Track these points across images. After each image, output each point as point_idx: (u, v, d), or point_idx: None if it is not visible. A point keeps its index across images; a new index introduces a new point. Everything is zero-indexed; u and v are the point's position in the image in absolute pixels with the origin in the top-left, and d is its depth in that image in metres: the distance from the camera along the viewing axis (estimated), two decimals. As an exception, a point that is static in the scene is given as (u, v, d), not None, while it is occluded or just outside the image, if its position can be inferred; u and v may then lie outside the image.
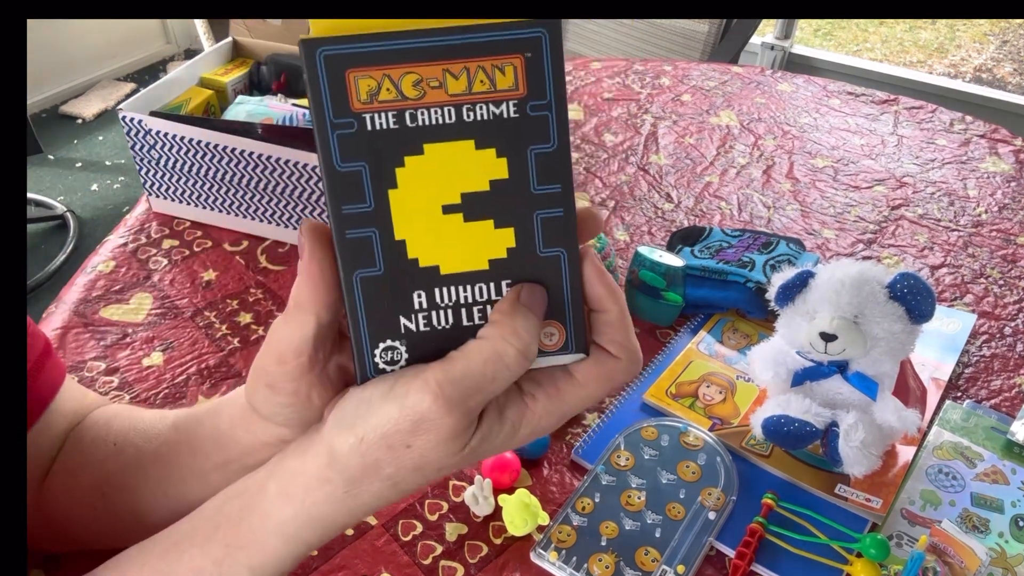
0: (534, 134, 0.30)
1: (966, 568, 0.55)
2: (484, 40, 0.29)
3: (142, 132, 0.84)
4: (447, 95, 0.30)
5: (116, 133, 2.83)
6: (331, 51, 0.29)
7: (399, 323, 0.32)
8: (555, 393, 0.33)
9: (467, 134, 0.30)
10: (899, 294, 0.58)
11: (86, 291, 0.81)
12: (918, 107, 1.21)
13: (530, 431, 0.33)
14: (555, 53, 0.29)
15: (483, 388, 0.31)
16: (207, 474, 0.44)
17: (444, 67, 0.29)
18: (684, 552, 0.55)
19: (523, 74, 0.29)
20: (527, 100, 0.30)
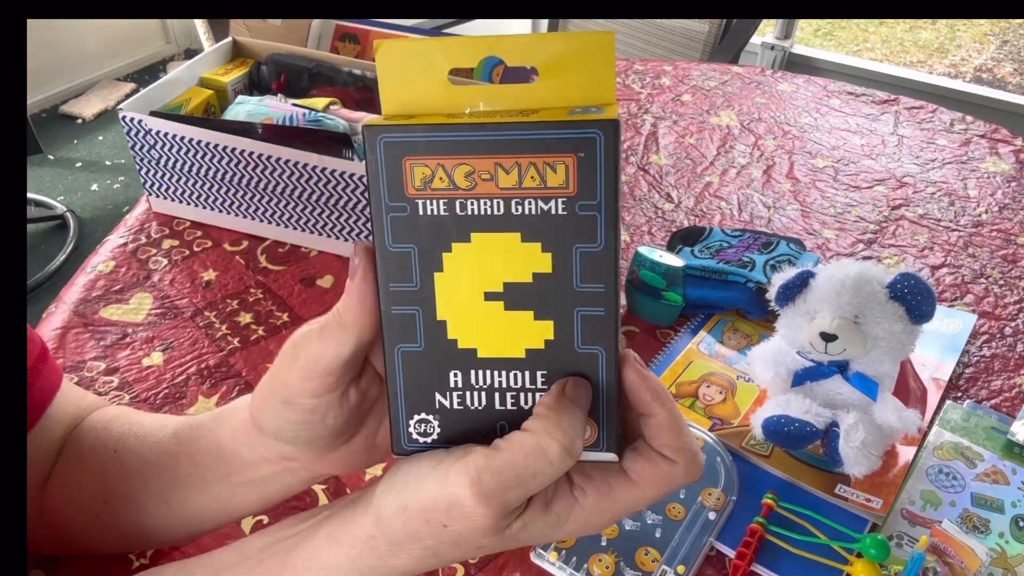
0: (581, 233, 0.30)
1: (966, 568, 0.55)
2: (537, 137, 0.29)
3: (142, 132, 0.84)
4: (497, 188, 0.30)
5: (116, 133, 2.83)
6: (390, 138, 0.30)
7: (435, 399, 0.33)
8: (607, 491, 0.32)
9: (514, 227, 0.31)
10: (899, 294, 0.58)
11: (86, 291, 0.81)
12: (918, 107, 1.21)
13: (578, 527, 0.32)
14: (608, 154, 0.29)
15: (524, 482, 0.30)
16: (209, 486, 0.44)
17: (496, 161, 0.30)
18: (684, 552, 0.55)
19: (574, 173, 0.29)
20: (576, 199, 0.30)
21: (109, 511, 0.48)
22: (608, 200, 0.30)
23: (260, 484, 0.43)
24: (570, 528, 0.32)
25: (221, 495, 0.44)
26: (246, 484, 0.43)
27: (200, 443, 0.44)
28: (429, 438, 0.34)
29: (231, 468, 0.43)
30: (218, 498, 0.45)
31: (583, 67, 0.30)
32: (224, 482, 0.43)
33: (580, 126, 0.29)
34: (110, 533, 0.49)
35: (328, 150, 0.82)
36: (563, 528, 0.32)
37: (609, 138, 0.29)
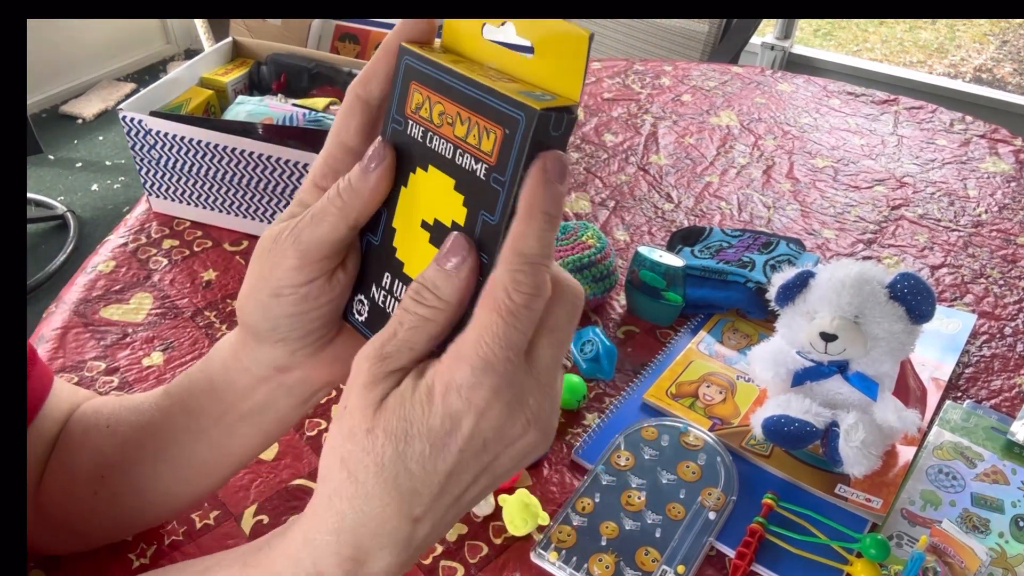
0: (488, 202, 0.32)
1: (966, 568, 0.55)
2: (485, 101, 0.31)
3: (142, 132, 0.84)
4: (453, 134, 0.33)
5: (116, 133, 2.83)
6: (410, 61, 0.34)
7: (371, 288, 0.37)
8: (458, 342, 0.32)
9: (452, 174, 0.33)
10: (899, 294, 0.58)
11: (86, 291, 0.81)
12: (918, 107, 1.21)
13: (445, 385, 0.31)
14: (525, 139, 0.30)
15: (396, 332, 0.32)
16: (205, 432, 0.44)
17: (459, 110, 0.32)
18: (684, 552, 0.55)
19: (499, 145, 0.31)
20: (493, 170, 0.31)
21: (105, 485, 0.48)
22: (513, 180, 0.31)
23: (256, 416, 0.43)
24: (439, 391, 0.31)
25: (218, 440, 0.45)
26: (242, 420, 0.43)
27: (192, 389, 0.45)
28: (361, 317, 0.38)
29: (225, 405, 0.43)
30: (215, 444, 0.45)
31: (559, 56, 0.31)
32: (220, 424, 0.44)
33: (512, 104, 0.30)
34: (108, 511, 0.49)
35: (328, 150, 0.81)
36: (434, 394, 0.31)
37: (529, 124, 0.30)
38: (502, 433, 0.32)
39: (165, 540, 0.57)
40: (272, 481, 0.61)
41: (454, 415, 0.31)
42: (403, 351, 0.32)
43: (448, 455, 0.32)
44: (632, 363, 0.74)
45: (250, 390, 0.42)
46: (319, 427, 0.66)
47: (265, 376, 0.41)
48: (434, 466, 0.32)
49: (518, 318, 0.31)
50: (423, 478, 0.32)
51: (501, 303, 0.31)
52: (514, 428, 0.32)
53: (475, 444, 0.32)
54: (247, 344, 0.40)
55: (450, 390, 0.31)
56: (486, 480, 0.34)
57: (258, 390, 0.42)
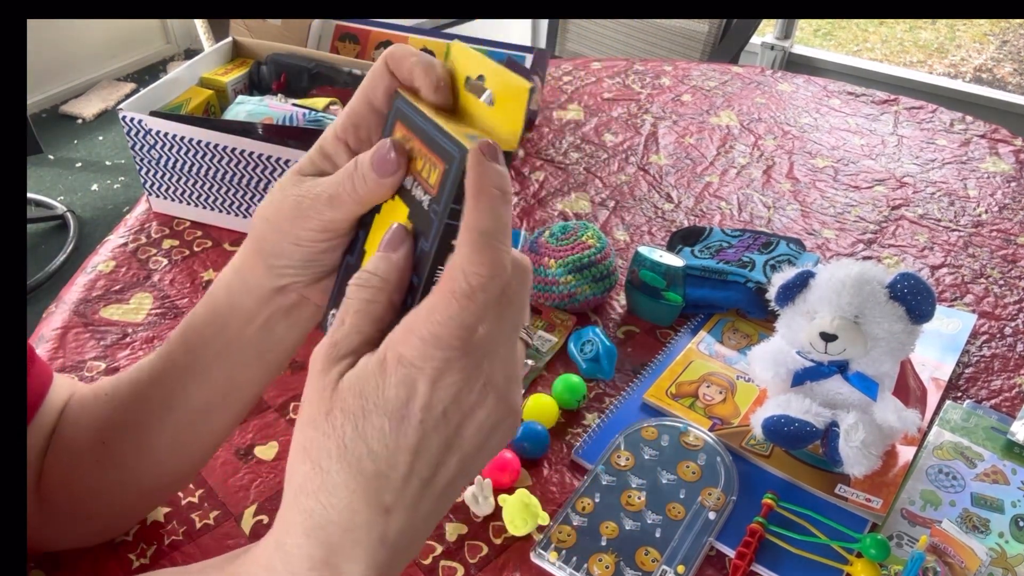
0: (426, 229, 0.34)
1: (966, 568, 0.55)
2: (434, 138, 0.34)
3: (142, 132, 0.84)
4: (415, 168, 0.36)
5: (116, 133, 2.83)
6: (399, 103, 0.38)
7: None
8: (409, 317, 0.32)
9: (406, 202, 0.36)
10: (899, 294, 0.58)
11: (86, 291, 0.81)
12: (918, 107, 1.21)
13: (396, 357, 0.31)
14: (458, 175, 0.32)
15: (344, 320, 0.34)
16: (209, 369, 0.46)
17: (420, 147, 0.36)
18: (684, 552, 0.55)
19: (439, 179, 0.34)
20: (433, 201, 0.34)
21: (108, 451, 0.48)
22: (443, 212, 0.33)
23: (257, 343, 0.45)
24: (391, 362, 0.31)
25: (222, 375, 0.46)
26: (243, 349, 0.45)
27: (194, 325, 0.46)
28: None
29: (228, 334, 0.45)
30: (219, 381, 0.46)
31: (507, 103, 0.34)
32: (222, 357, 0.45)
33: (452, 142, 0.33)
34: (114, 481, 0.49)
35: (328, 150, 0.82)
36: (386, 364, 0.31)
37: (462, 160, 0.32)
38: (459, 399, 0.32)
39: (165, 540, 0.57)
40: (272, 481, 0.61)
41: (408, 383, 0.31)
42: (351, 335, 0.33)
43: (408, 427, 0.31)
44: (632, 363, 0.74)
45: (252, 312, 0.44)
46: (319, 427, 0.66)
47: (266, 298, 0.43)
48: (396, 442, 0.31)
49: (472, 300, 0.31)
50: (387, 458, 0.31)
51: (456, 284, 0.31)
52: (471, 394, 0.32)
53: (434, 413, 0.31)
54: (255, 267, 0.43)
55: (403, 359, 0.31)
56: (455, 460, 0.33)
57: (259, 312, 0.44)
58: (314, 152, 0.41)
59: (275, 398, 0.68)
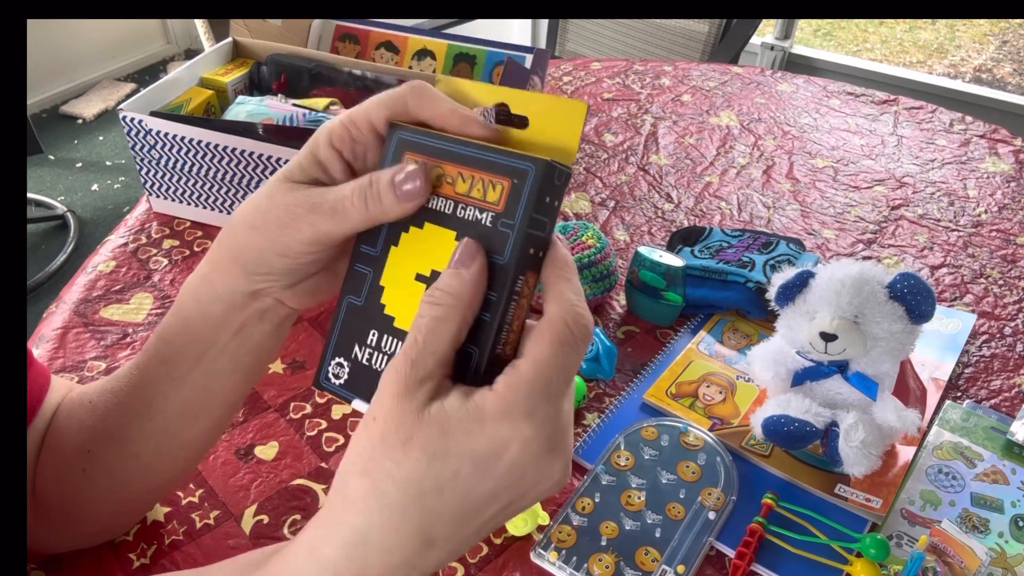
0: (496, 245, 0.34)
1: (966, 568, 0.55)
2: (490, 159, 0.35)
3: (142, 132, 0.84)
4: (453, 192, 0.36)
5: (116, 133, 2.83)
6: (403, 135, 0.38)
7: (353, 348, 0.38)
8: (510, 370, 0.32)
9: (453, 226, 0.36)
10: (899, 294, 0.58)
11: (86, 291, 0.81)
12: (918, 107, 1.21)
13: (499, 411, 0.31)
14: (534, 187, 0.34)
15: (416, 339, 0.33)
16: (185, 377, 0.45)
17: (460, 170, 0.36)
18: (684, 552, 0.55)
19: (506, 195, 0.34)
20: (501, 216, 0.34)
21: (94, 460, 0.48)
22: (523, 224, 0.34)
23: (233, 349, 0.44)
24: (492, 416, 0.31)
25: (199, 383, 0.45)
26: (219, 356, 0.44)
27: (165, 336, 0.45)
28: (339, 381, 0.39)
29: (202, 343, 0.43)
30: (197, 388, 0.45)
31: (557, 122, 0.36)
32: (199, 366, 0.44)
33: (520, 159, 0.34)
34: (102, 488, 0.49)
35: (328, 150, 0.82)
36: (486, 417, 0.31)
37: (539, 173, 0.33)
38: (541, 468, 0.33)
39: (165, 540, 0.57)
40: (272, 481, 0.61)
41: (502, 440, 0.31)
42: (426, 355, 0.33)
43: (487, 480, 0.32)
44: (632, 363, 0.74)
45: (224, 320, 0.43)
46: (319, 427, 0.66)
47: (239, 304, 0.42)
48: (466, 489, 0.31)
49: (576, 351, 0.33)
50: (452, 500, 0.31)
51: (564, 335, 0.33)
52: (553, 465, 0.33)
53: (514, 474, 0.32)
54: (228, 273, 0.41)
55: (502, 414, 0.31)
56: (508, 513, 0.34)
57: (232, 319, 0.43)
58: (305, 158, 0.39)
59: (275, 398, 0.68)
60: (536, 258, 0.35)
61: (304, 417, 0.67)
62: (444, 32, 1.04)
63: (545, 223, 0.35)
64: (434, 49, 1.02)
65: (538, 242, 0.35)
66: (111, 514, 0.53)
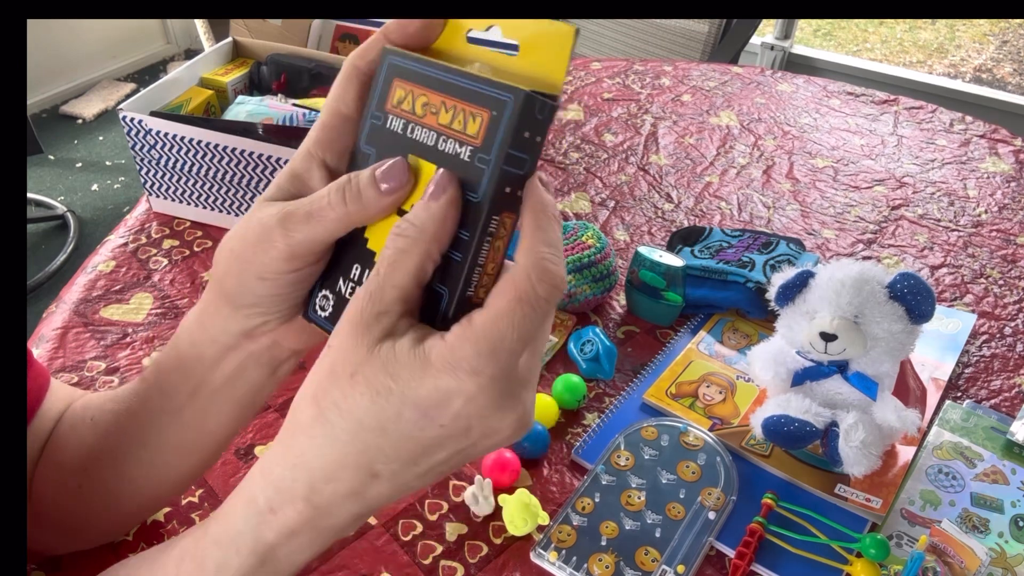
0: (471, 181, 0.33)
1: (966, 568, 0.55)
2: (471, 88, 0.33)
3: (142, 132, 0.84)
4: (436, 123, 0.34)
5: (116, 133, 2.83)
6: (394, 60, 0.36)
7: (338, 282, 0.38)
8: (464, 322, 0.32)
9: (434, 159, 0.34)
10: (899, 294, 0.58)
11: (86, 291, 0.81)
12: (918, 107, 1.21)
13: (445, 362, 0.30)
14: (512, 119, 0.31)
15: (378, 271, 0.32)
16: (180, 411, 0.44)
17: (443, 100, 0.34)
18: (684, 552, 0.55)
19: (484, 128, 0.32)
20: (478, 151, 0.33)
21: (90, 478, 0.48)
22: (498, 159, 0.32)
23: (228, 388, 0.43)
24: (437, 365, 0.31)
25: (194, 418, 0.44)
26: (215, 394, 0.43)
27: (163, 369, 0.44)
28: (324, 313, 0.38)
29: (196, 380, 0.43)
30: (192, 423, 0.45)
31: (544, 52, 0.33)
32: (193, 401, 0.44)
33: (500, 88, 0.32)
34: (96, 505, 0.49)
35: (328, 150, 0.82)
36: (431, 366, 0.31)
37: (518, 105, 0.31)
38: (489, 423, 0.32)
39: (165, 540, 0.57)
40: (272, 481, 0.61)
41: (446, 391, 0.31)
42: (385, 288, 0.32)
43: (428, 428, 0.31)
44: (632, 363, 0.74)
45: (218, 361, 0.42)
46: (319, 427, 0.66)
47: (233, 345, 0.41)
48: (409, 433, 0.31)
49: (537, 310, 0.31)
50: (394, 441, 0.31)
51: (525, 292, 0.31)
52: (503, 422, 0.32)
53: (459, 425, 0.31)
54: (218, 311, 0.40)
55: (448, 366, 0.31)
56: (458, 460, 0.33)
57: (227, 360, 0.42)
58: (282, 176, 0.38)
59: (275, 398, 0.68)
60: (514, 198, 0.33)
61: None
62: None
63: (525, 160, 0.32)
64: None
65: (516, 180, 0.33)
66: (105, 526, 0.54)
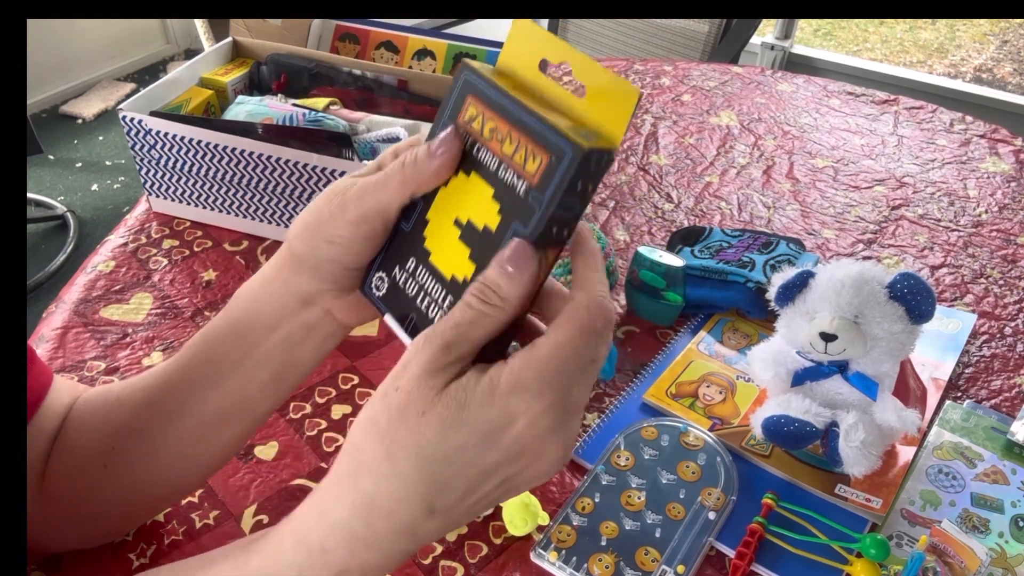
0: (523, 216, 0.35)
1: (966, 568, 0.55)
2: (537, 129, 0.35)
3: (142, 132, 0.84)
4: (500, 150, 0.37)
5: (116, 133, 2.83)
6: (470, 77, 0.39)
7: (394, 268, 0.41)
8: (528, 347, 0.34)
9: (493, 184, 0.37)
10: (899, 294, 0.58)
11: (86, 291, 0.81)
12: (918, 107, 1.21)
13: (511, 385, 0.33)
14: (567, 170, 0.34)
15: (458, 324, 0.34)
16: (225, 379, 0.46)
17: (509, 130, 0.36)
18: (684, 552, 0.55)
19: (542, 170, 0.35)
20: (533, 189, 0.35)
21: (117, 455, 0.48)
22: (551, 203, 0.34)
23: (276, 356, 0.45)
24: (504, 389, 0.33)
25: (237, 387, 0.46)
26: (260, 363, 0.45)
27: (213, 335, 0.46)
28: (379, 292, 0.42)
29: (247, 344, 0.45)
30: (234, 392, 0.46)
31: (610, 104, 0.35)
32: (239, 368, 0.45)
33: (563, 137, 0.34)
34: (119, 485, 0.49)
35: (328, 150, 0.82)
36: (498, 391, 0.33)
37: (576, 158, 0.33)
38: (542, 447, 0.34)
39: (165, 540, 0.57)
40: (272, 481, 0.61)
41: (510, 414, 0.33)
42: (462, 343, 0.34)
43: (488, 453, 0.33)
44: (632, 363, 0.74)
45: (272, 327, 0.44)
46: (319, 427, 0.66)
47: (289, 309, 0.44)
48: (471, 460, 0.33)
49: (595, 340, 0.34)
50: (456, 471, 0.33)
51: (584, 322, 0.34)
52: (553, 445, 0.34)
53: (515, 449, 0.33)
54: (279, 275, 0.43)
55: (515, 389, 0.33)
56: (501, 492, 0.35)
57: (280, 325, 0.44)
58: (372, 165, 0.42)
59: (275, 398, 0.68)
60: (559, 237, 0.36)
61: (304, 417, 0.67)
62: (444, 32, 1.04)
63: (575, 205, 0.35)
64: (434, 49, 1.02)
65: (564, 222, 0.35)
66: (121, 515, 0.54)
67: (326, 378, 0.71)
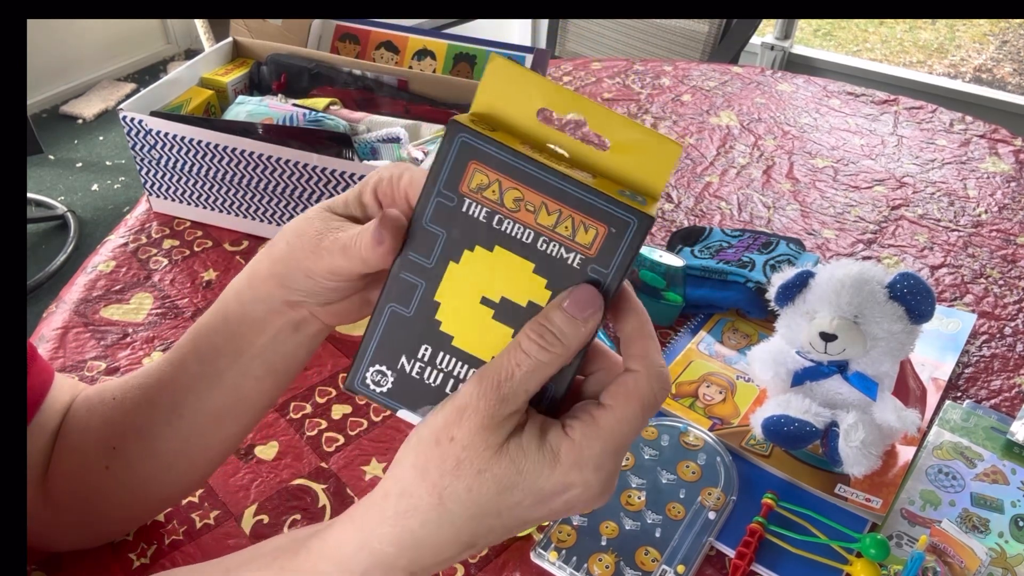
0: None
1: (966, 568, 0.55)
2: (586, 199, 0.33)
3: (142, 132, 0.84)
4: (535, 221, 0.34)
5: (116, 133, 2.83)
6: (468, 139, 0.34)
7: (399, 359, 0.37)
8: (590, 420, 0.34)
9: (532, 258, 0.34)
10: (899, 294, 0.58)
11: (86, 291, 0.81)
12: (918, 107, 1.21)
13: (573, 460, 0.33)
14: (633, 240, 0.33)
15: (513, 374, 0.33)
16: (220, 375, 0.46)
17: (544, 201, 0.33)
18: (684, 552, 0.55)
19: (601, 241, 0.33)
20: (591, 261, 0.34)
21: (118, 456, 0.48)
22: (616, 274, 0.34)
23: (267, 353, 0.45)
24: (566, 461, 0.33)
25: (232, 383, 0.46)
26: (254, 358, 0.45)
27: (204, 331, 0.46)
28: (380, 388, 0.37)
29: (239, 341, 0.45)
30: (230, 388, 0.46)
31: (646, 160, 0.34)
32: (234, 365, 0.45)
33: (624, 208, 0.33)
34: (121, 484, 0.49)
35: (328, 150, 0.82)
36: (559, 464, 0.33)
37: (640, 228, 0.33)
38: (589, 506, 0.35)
39: (165, 540, 0.57)
40: (272, 481, 0.61)
41: (568, 484, 0.34)
42: (519, 393, 0.33)
43: (539, 510, 0.34)
44: (632, 363, 0.74)
45: (262, 322, 0.44)
46: (319, 427, 0.66)
47: (276, 309, 0.43)
48: (521, 515, 0.34)
49: (651, 415, 0.35)
50: (505, 522, 0.34)
51: (648, 399, 0.34)
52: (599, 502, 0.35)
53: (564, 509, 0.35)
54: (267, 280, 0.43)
55: (576, 464, 0.33)
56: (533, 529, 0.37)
57: (270, 323, 0.44)
58: (351, 195, 0.40)
59: (275, 398, 0.68)
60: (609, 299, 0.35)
61: (304, 417, 0.67)
62: (444, 32, 1.04)
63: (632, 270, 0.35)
64: (434, 49, 1.02)
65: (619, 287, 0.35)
66: (122, 515, 0.54)
67: (326, 378, 0.71)
